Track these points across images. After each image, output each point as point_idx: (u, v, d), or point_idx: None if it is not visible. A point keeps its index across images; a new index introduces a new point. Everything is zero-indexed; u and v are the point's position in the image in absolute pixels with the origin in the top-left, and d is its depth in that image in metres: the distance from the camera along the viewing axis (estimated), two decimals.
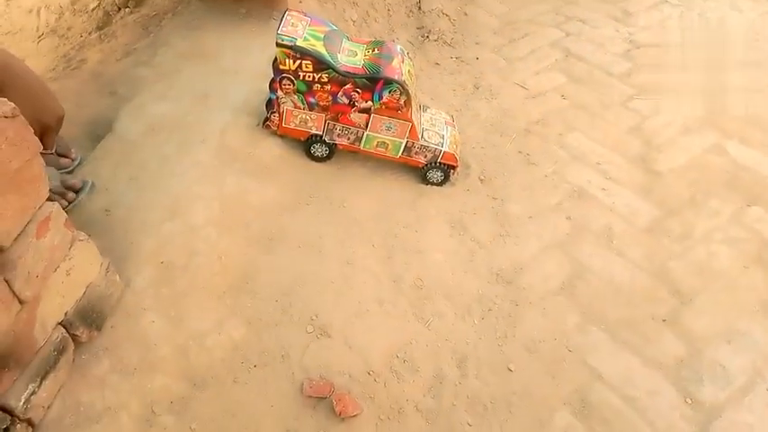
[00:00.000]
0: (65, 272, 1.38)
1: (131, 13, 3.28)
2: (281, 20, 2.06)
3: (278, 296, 1.86)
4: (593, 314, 2.01)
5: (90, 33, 3.21)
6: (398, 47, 2.19)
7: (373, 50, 2.14)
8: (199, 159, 2.09)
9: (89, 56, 2.92)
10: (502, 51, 3.27)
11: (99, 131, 2.31)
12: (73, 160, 2.09)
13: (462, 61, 3.19)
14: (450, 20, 3.45)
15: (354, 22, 3.10)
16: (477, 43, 3.36)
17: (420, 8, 3.47)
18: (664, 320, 1.99)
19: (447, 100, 2.87)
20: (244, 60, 2.55)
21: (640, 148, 2.64)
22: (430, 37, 3.31)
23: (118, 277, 1.63)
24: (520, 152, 2.61)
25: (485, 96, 2.93)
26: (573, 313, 2.01)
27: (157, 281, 1.77)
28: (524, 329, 1.96)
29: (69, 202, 1.87)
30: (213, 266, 1.86)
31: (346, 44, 2.15)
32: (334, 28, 2.16)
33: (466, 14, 3.58)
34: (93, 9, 3.16)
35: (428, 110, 2.41)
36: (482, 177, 2.48)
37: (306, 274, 1.95)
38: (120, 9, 3.32)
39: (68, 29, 3.04)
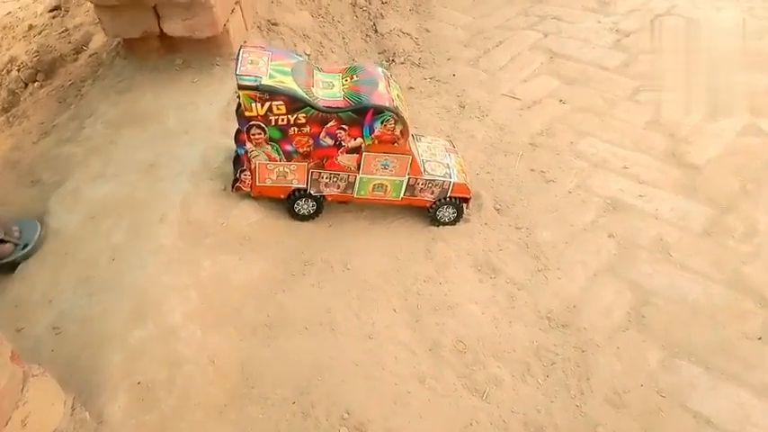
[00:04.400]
0: (20, 423, 1.11)
1: (41, 87, 3.05)
2: (238, 58, 1.88)
3: (294, 396, 1.61)
4: (675, 345, 1.82)
5: None
6: (379, 68, 2.03)
7: (351, 77, 1.98)
8: (160, 243, 1.85)
9: None
10: (479, 64, 3.18)
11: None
12: (16, 245, 1.82)
13: (439, 81, 3.07)
14: (412, 38, 3.35)
15: (309, 56, 2.95)
16: (448, 59, 3.26)
17: (377, 31, 3.37)
18: (759, 338, 1.82)
19: (434, 125, 2.72)
20: (190, 116, 2.35)
21: (666, 143, 2.53)
22: (396, 60, 3.20)
23: (87, 415, 1.35)
24: (532, 170, 2.47)
25: (475, 114, 2.80)
26: (652, 348, 1.82)
27: (137, 407, 1.50)
28: (601, 380, 1.75)
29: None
30: (205, 374, 1.60)
31: (319, 76, 1.98)
32: (301, 58, 1.99)
33: (428, 30, 3.49)
34: None
35: (422, 138, 2.25)
36: (498, 206, 2.31)
37: (322, 362, 1.71)
38: (27, 85, 3.09)
39: None
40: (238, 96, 1.83)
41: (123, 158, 2.19)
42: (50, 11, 3.45)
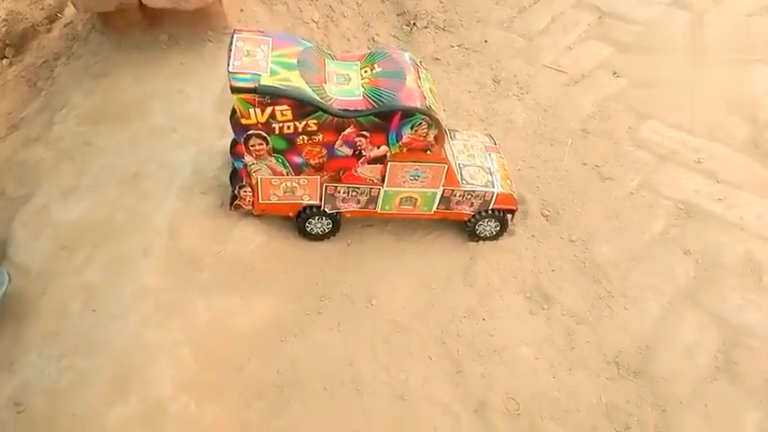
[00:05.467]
0: None
1: (11, 64, 2.67)
2: (231, 48, 1.50)
3: None
4: None
5: None
6: (407, 55, 1.65)
7: (372, 68, 1.60)
8: (145, 284, 1.53)
9: None
10: (514, 26, 2.75)
11: None
12: None
13: (468, 49, 2.66)
14: None
15: (317, 23, 2.55)
16: (478, 21, 2.83)
17: None
18: None
19: (465, 106, 2.34)
20: (179, 110, 1.98)
21: (748, 129, 2.14)
22: (417, 24, 2.78)
23: None
24: (585, 164, 2.10)
25: (512, 92, 2.41)
26: (749, 407, 1.51)
27: None
28: None
29: None
30: None
31: (332, 66, 1.60)
32: (309, 45, 1.61)
33: None
34: None
35: (457, 135, 1.88)
36: (546, 212, 1.96)
37: None
38: None
39: None
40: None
41: (100, 166, 1.84)
42: None
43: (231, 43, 1.54)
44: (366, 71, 1.62)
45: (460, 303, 1.71)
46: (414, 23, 2.80)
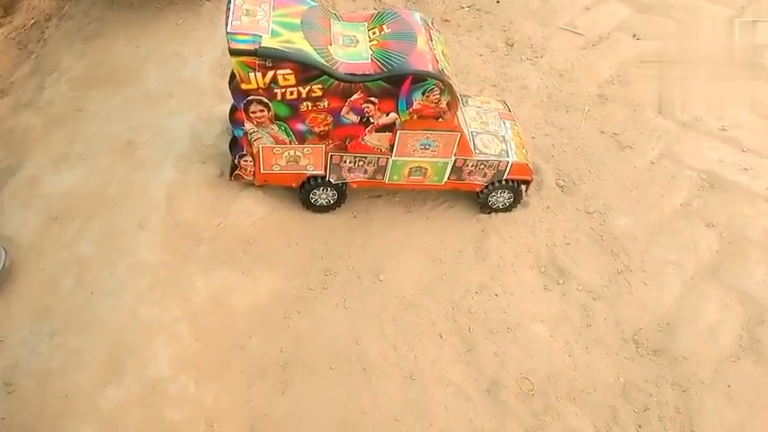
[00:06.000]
0: None
1: (0, 26, 2.56)
2: (229, 7, 1.40)
3: None
4: None
5: None
6: (417, 15, 1.56)
7: (381, 29, 1.50)
8: (140, 258, 1.46)
9: None
10: None
11: None
12: None
13: (479, 9, 2.55)
14: None
15: None
16: None
17: None
18: None
19: (476, 71, 2.24)
20: (176, 74, 1.90)
21: None
22: None
23: None
24: (602, 132, 2.02)
25: (526, 56, 2.30)
26: None
27: None
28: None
29: None
30: None
31: (337, 27, 1.50)
32: (313, 4, 1.51)
33: None
34: None
35: (469, 101, 1.78)
36: (561, 183, 1.88)
37: (353, 418, 1.35)
38: None
39: None
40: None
41: (92, 133, 1.77)
42: None
43: (229, 1, 1.44)
44: (374, 32, 1.52)
45: (472, 279, 1.64)
46: None
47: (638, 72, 2.21)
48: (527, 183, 1.75)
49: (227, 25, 1.39)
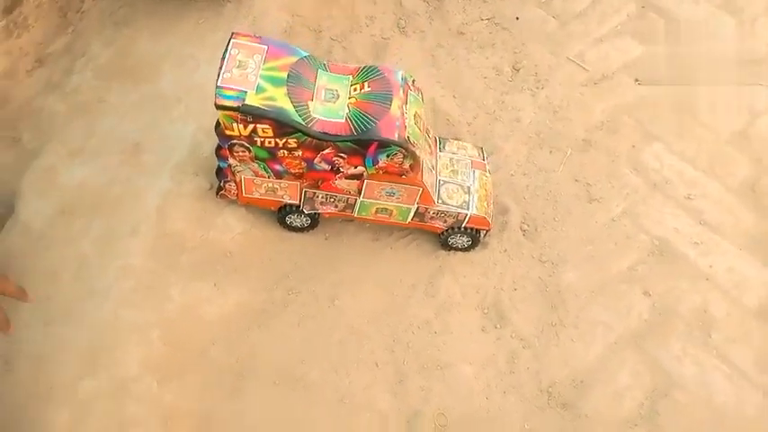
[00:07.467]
0: None
1: None
2: (224, 55, 1.57)
3: None
4: None
5: None
6: (399, 73, 1.69)
7: (362, 86, 1.66)
8: (129, 263, 1.71)
9: None
10: (552, 4, 2.66)
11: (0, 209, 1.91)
12: None
13: (497, 24, 2.61)
14: None
15: None
16: None
17: None
18: None
19: (476, 95, 2.35)
20: (187, 78, 2.08)
21: (749, 170, 2.12)
22: None
23: None
24: (577, 180, 2.14)
25: (528, 85, 2.40)
26: None
27: None
28: None
29: None
30: None
31: (323, 79, 1.66)
32: (304, 54, 1.66)
33: None
34: None
35: (447, 145, 1.94)
36: (525, 227, 2.04)
37: (286, 427, 1.61)
38: None
39: None
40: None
41: (107, 129, 1.98)
42: None
43: (227, 49, 1.61)
44: (356, 89, 1.67)
45: (418, 314, 1.84)
46: None
47: (627, 120, 2.29)
48: (486, 230, 1.92)
49: (218, 77, 1.57)
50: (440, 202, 1.82)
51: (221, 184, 1.80)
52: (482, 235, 1.93)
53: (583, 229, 2.04)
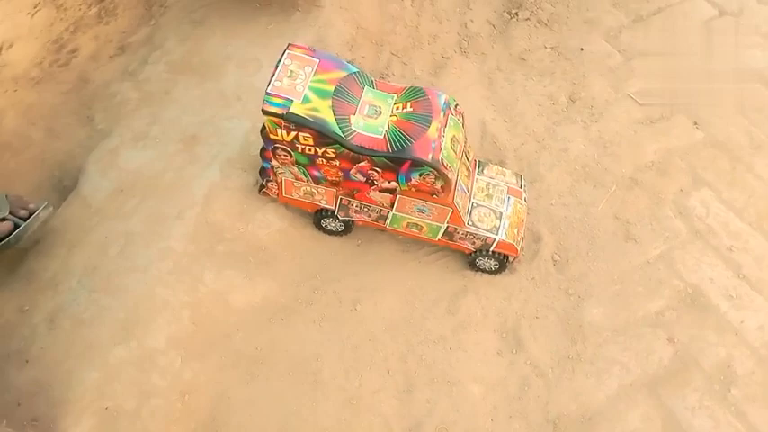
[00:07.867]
0: None
1: None
2: (278, 64, 1.68)
3: None
4: None
5: (90, 6, 2.94)
6: (443, 97, 1.75)
7: (405, 105, 1.73)
8: (170, 245, 1.84)
9: (82, 44, 2.66)
10: (620, 38, 2.67)
11: (66, 181, 2.09)
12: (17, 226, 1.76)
13: (560, 54, 2.63)
14: None
15: (412, 1, 2.61)
16: (585, 22, 2.76)
17: None
18: None
19: (526, 122, 2.38)
20: (249, 79, 2.20)
21: None
22: (519, 15, 2.76)
23: None
24: (617, 218, 2.14)
25: (582, 117, 2.41)
26: None
27: None
28: None
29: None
30: (172, 411, 1.65)
31: (368, 95, 1.74)
32: (354, 70, 1.75)
33: None
34: None
35: (486, 169, 1.98)
36: (556, 257, 2.05)
37: (293, 418, 1.71)
38: None
39: None
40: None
41: (170, 119, 2.13)
42: None
43: (280, 60, 1.72)
44: (398, 108, 1.75)
45: (435, 328, 1.89)
46: (516, 13, 2.79)
47: (679, 163, 2.27)
48: (514, 256, 1.95)
49: (269, 84, 1.67)
50: (470, 224, 1.87)
51: (264, 182, 1.90)
52: (510, 260, 1.96)
53: (615, 267, 2.04)
